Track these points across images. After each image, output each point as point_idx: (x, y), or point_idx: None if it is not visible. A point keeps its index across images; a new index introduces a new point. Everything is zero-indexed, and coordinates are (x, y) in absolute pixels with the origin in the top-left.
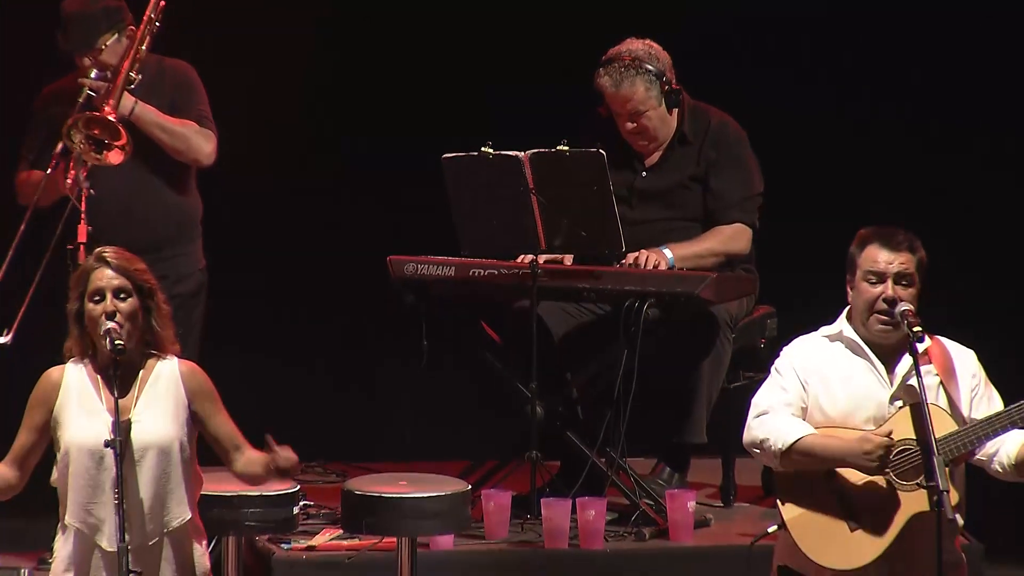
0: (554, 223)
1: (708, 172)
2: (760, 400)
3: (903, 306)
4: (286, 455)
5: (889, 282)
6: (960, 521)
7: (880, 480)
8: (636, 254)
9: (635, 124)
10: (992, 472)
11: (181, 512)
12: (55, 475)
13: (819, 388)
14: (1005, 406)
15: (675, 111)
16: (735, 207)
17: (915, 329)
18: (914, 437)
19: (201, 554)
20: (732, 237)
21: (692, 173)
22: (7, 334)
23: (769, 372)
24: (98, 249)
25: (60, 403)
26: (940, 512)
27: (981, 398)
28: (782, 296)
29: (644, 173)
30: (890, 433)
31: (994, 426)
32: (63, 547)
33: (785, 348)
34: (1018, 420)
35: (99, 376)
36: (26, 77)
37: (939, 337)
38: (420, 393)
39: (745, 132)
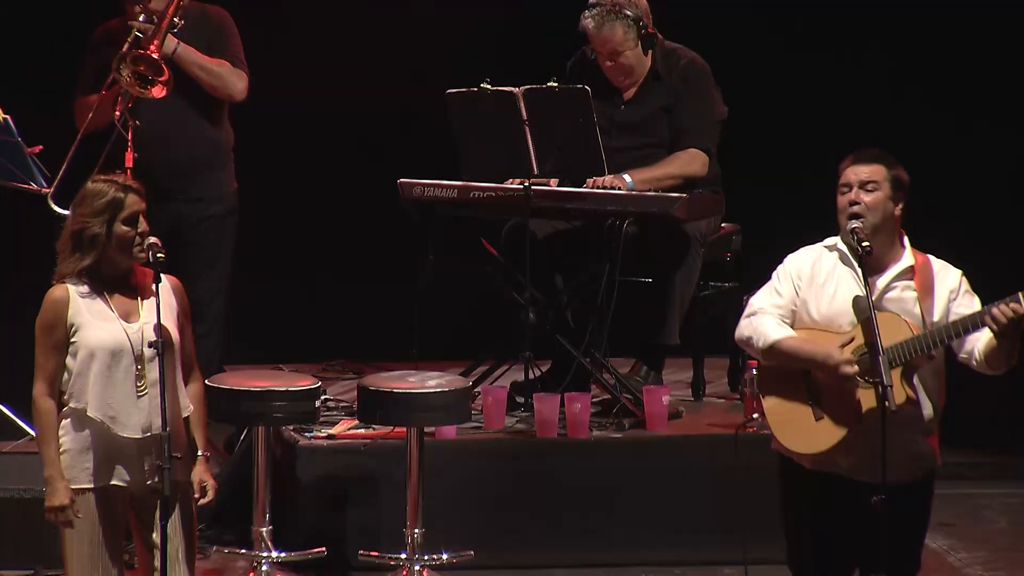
0: (544, 150)
1: (674, 103)
2: (755, 301)
3: (853, 224)
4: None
5: (854, 188)
6: (929, 412)
7: (849, 374)
8: (594, 179)
9: (614, 63)
10: (973, 367)
11: (186, 405)
12: (64, 379)
13: (809, 294)
14: None
15: (650, 52)
16: (692, 134)
17: (863, 244)
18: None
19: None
20: (688, 161)
21: (664, 105)
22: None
23: (772, 275)
24: (117, 180)
25: (72, 314)
26: (883, 402)
27: (957, 306)
28: (746, 215)
29: (622, 106)
30: (852, 339)
31: (945, 333)
32: (76, 437)
33: (789, 256)
34: (969, 327)
35: (103, 289)
36: (86, 18)
37: (930, 256)
38: (426, 300)
39: (709, 67)
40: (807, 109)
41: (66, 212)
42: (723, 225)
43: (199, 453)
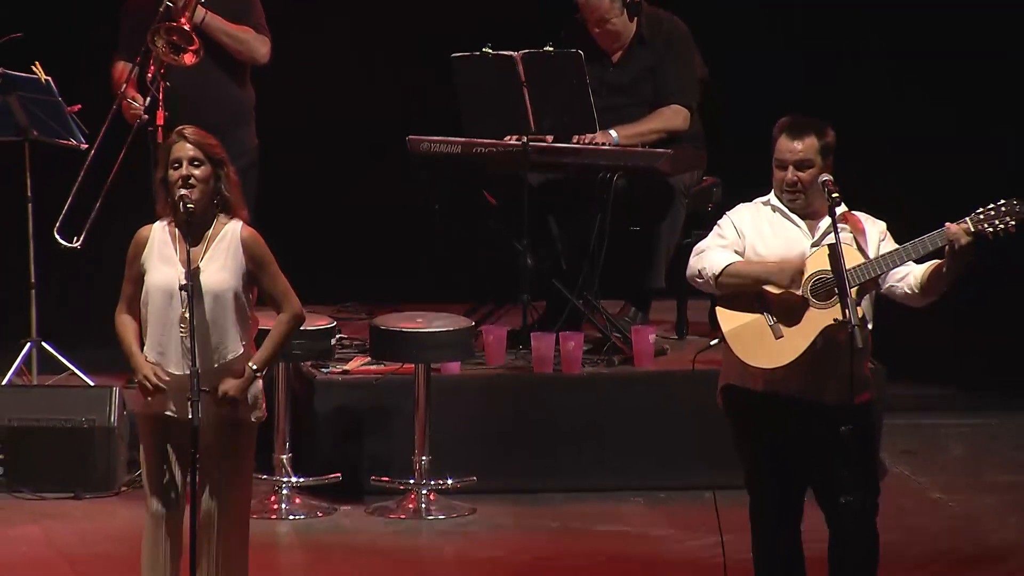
0: (541, 109)
1: (658, 64)
2: (700, 244)
3: (824, 177)
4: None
5: (791, 168)
6: (866, 339)
7: (799, 300)
8: (580, 136)
9: (602, 29)
10: (899, 298)
11: (235, 348)
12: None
13: (755, 238)
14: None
15: (635, 18)
16: (675, 92)
17: (834, 195)
18: (828, 269)
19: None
20: (670, 117)
21: (648, 67)
22: (77, 240)
23: (714, 225)
24: (179, 127)
25: (146, 253)
26: (849, 329)
27: (888, 245)
28: (726, 169)
29: (611, 68)
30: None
31: (894, 258)
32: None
33: (728, 211)
34: (914, 254)
35: (177, 232)
36: None
37: (857, 213)
38: (432, 247)
39: (689, 30)
40: (782, 74)
41: (71, 245)
42: (705, 178)
43: (250, 365)
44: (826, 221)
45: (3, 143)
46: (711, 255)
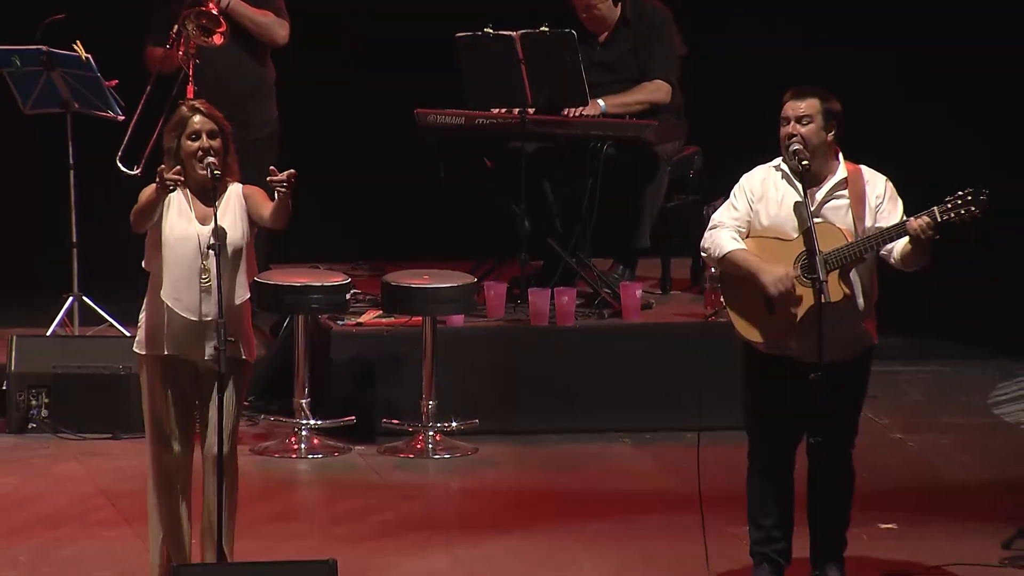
0: (537, 84)
1: (641, 44)
2: (716, 216)
3: (795, 145)
4: (284, 176)
5: (792, 123)
6: (860, 304)
7: (780, 289)
8: (573, 108)
9: (589, 15)
10: (891, 265)
11: (242, 294)
12: (145, 261)
13: (761, 206)
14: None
15: (619, 3)
16: (657, 68)
17: (804, 163)
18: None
19: (248, 323)
20: (653, 90)
21: (632, 47)
22: (137, 168)
23: (731, 192)
24: (191, 102)
25: (163, 210)
26: (819, 301)
27: (883, 212)
28: (706, 138)
29: (598, 48)
30: (797, 252)
31: (873, 242)
32: (151, 311)
33: (744, 174)
34: (894, 237)
35: (190, 193)
36: None
37: (861, 167)
38: (438, 210)
39: (670, 12)
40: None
41: (132, 172)
42: (686, 147)
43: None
44: (823, 189)
45: (48, 115)
46: (719, 236)
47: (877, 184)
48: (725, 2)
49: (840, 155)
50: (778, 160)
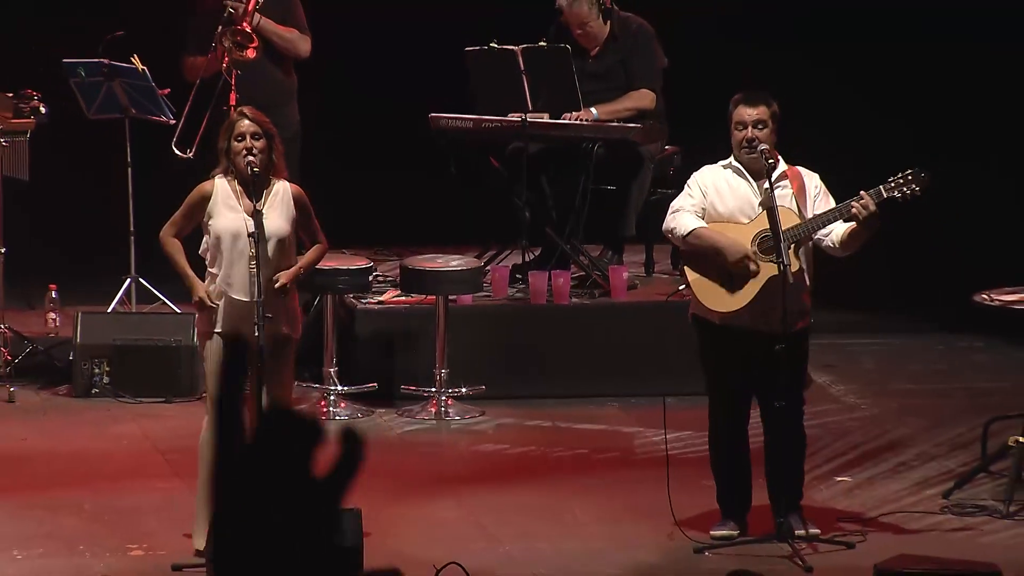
0: (536, 92)
1: (628, 57)
2: (675, 203)
3: (763, 145)
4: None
5: (749, 128)
6: (807, 282)
7: (740, 257)
8: (569, 114)
9: (582, 31)
10: (824, 249)
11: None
12: (202, 248)
13: (715, 197)
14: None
15: (608, 21)
16: (642, 78)
17: (770, 161)
18: (769, 228)
19: (296, 306)
20: (640, 98)
21: (620, 60)
22: (190, 151)
23: (685, 185)
24: (240, 107)
25: (212, 203)
26: (784, 276)
27: (819, 202)
28: (685, 140)
29: (589, 60)
30: (755, 230)
31: (823, 220)
32: (211, 294)
33: (695, 172)
34: (838, 216)
35: (238, 187)
36: None
37: (797, 166)
38: (449, 202)
39: (653, 29)
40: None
41: (186, 155)
42: (667, 148)
43: (296, 266)
44: (768, 182)
45: (109, 119)
46: (681, 217)
47: (813, 178)
48: (700, 19)
49: (778, 154)
50: (728, 160)
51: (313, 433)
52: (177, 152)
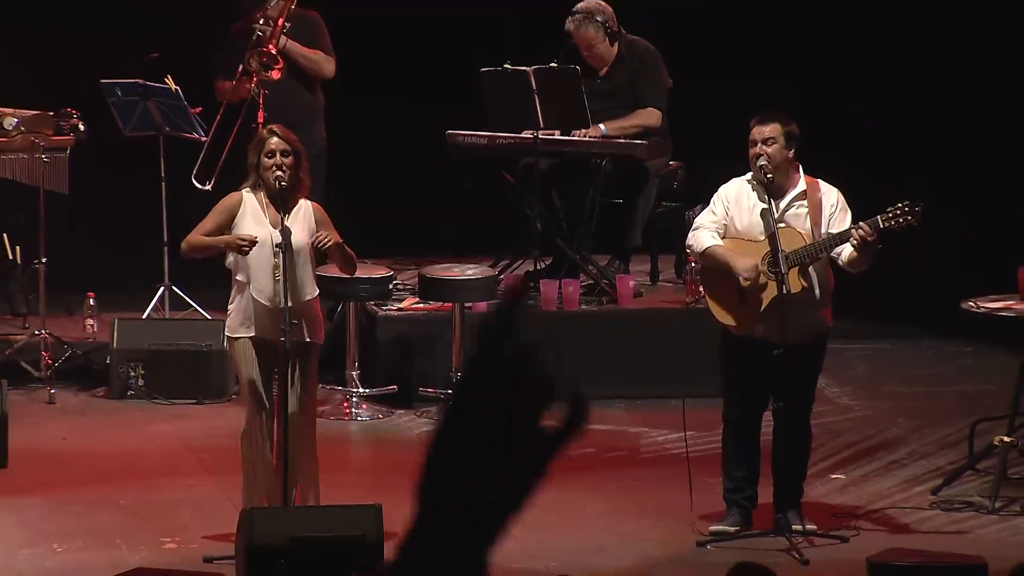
0: (547, 111)
1: (635, 77)
2: (698, 219)
3: (761, 160)
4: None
5: (759, 144)
6: (817, 294)
7: (752, 276)
8: (578, 131)
9: (590, 53)
10: (839, 265)
11: (312, 290)
12: (229, 260)
13: (735, 212)
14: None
15: (616, 43)
16: (648, 98)
17: (768, 176)
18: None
19: (319, 313)
20: (646, 116)
21: (627, 80)
22: (209, 183)
23: (711, 200)
24: (269, 125)
25: (240, 214)
26: (781, 295)
27: (836, 220)
28: (688, 155)
29: (597, 81)
30: (765, 252)
31: (826, 244)
32: (238, 303)
33: (722, 185)
34: (840, 242)
35: (265, 200)
36: (223, 21)
37: (818, 180)
38: (465, 215)
39: (658, 52)
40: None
41: (204, 188)
42: (671, 163)
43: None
44: (785, 200)
45: (143, 136)
46: (700, 235)
47: (831, 195)
48: (702, 41)
49: (800, 169)
50: (749, 175)
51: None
52: (196, 184)
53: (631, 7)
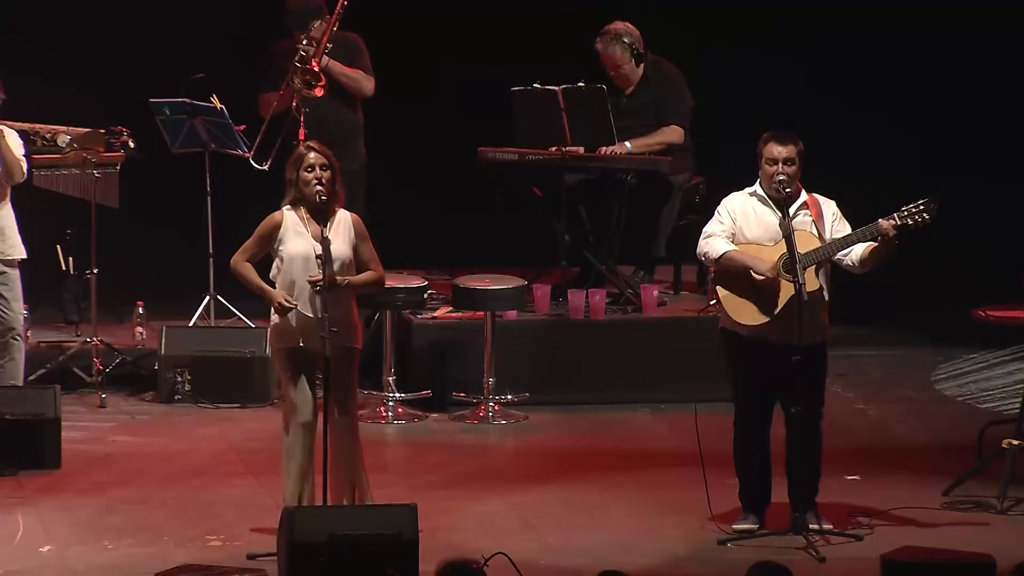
0: (575, 128)
1: (659, 97)
2: (707, 228)
3: (780, 176)
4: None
5: (780, 164)
6: (826, 297)
7: (773, 275)
8: (604, 148)
9: (616, 73)
10: (844, 267)
11: (348, 295)
12: (273, 272)
13: (743, 221)
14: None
15: (642, 64)
16: (672, 116)
17: (787, 191)
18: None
19: (357, 320)
20: (670, 134)
21: (651, 99)
22: (266, 163)
23: (715, 211)
24: (307, 142)
25: (283, 230)
26: (799, 295)
27: (836, 226)
28: (710, 171)
29: (624, 99)
30: (780, 252)
31: (843, 243)
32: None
33: (724, 198)
34: (857, 240)
35: (306, 215)
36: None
37: (815, 194)
38: (496, 227)
39: (681, 71)
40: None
41: (262, 167)
42: (694, 178)
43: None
44: (792, 209)
45: (190, 153)
46: (714, 242)
47: (830, 205)
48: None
49: (801, 185)
50: (754, 187)
51: None
52: (254, 164)
53: (653, 28)
